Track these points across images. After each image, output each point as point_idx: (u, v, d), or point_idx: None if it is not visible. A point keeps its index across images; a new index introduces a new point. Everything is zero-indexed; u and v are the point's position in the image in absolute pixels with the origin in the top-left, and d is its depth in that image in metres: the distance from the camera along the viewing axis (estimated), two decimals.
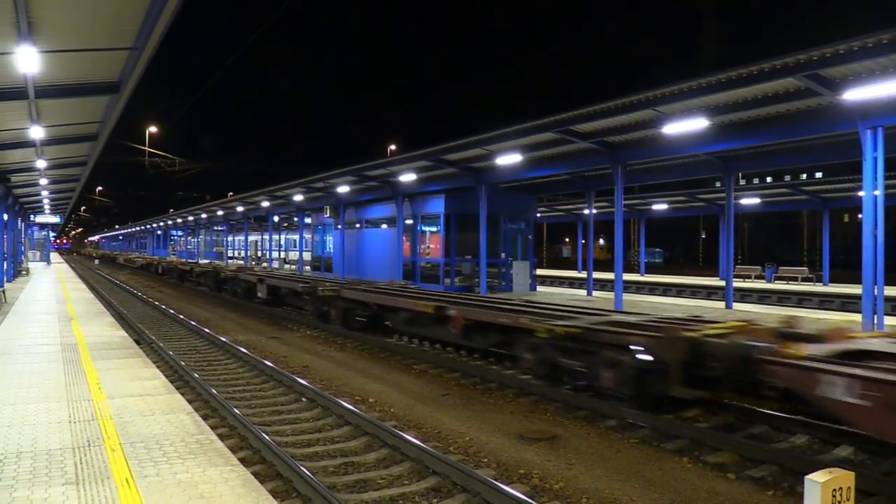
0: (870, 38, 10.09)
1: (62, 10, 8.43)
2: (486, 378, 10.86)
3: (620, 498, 6.00)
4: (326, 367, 12.20)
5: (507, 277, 25.12)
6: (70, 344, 10.88)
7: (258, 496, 4.41)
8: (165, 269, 43.76)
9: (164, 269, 43.86)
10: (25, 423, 6.07)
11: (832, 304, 23.57)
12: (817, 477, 3.85)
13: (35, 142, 16.32)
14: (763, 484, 6.33)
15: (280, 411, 9.03)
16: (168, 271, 42.80)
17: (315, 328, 17.43)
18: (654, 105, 13.93)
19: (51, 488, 4.49)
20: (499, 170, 21.43)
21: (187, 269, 36.56)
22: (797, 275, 31.29)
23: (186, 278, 36.42)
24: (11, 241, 29.55)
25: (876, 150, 12.09)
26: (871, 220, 12.10)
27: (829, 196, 27.57)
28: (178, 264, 41.33)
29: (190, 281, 35.50)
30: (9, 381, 7.94)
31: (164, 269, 44.01)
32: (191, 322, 17.97)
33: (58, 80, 11.54)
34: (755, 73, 11.83)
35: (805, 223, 57.69)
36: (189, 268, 36.54)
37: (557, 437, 7.84)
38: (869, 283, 12.19)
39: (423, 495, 6.02)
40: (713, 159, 19.19)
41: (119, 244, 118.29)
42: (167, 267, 43.57)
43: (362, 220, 31.12)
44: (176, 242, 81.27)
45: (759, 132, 14.56)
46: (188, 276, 35.87)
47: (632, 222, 53.67)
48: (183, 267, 38.37)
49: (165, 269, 43.64)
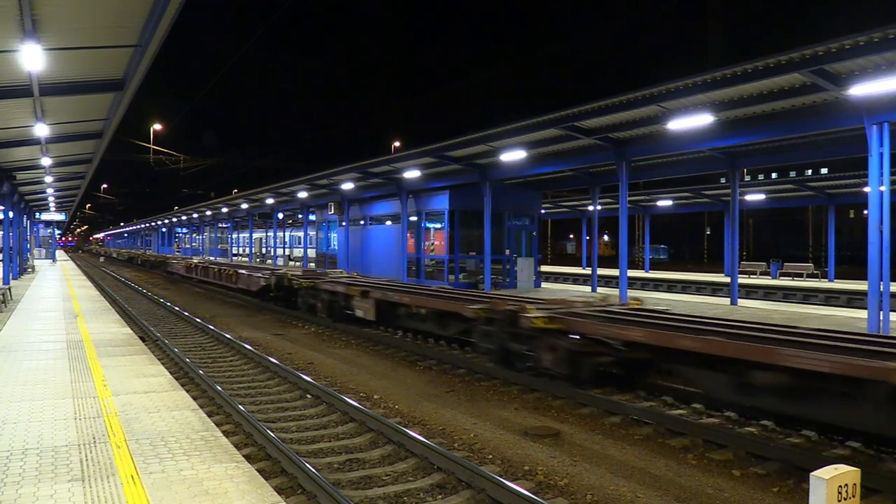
0: (876, 33, 10.02)
1: (66, 8, 8.44)
2: (491, 374, 10.86)
3: (625, 494, 6.00)
4: (331, 364, 12.22)
5: (512, 274, 25.11)
6: (75, 341, 10.92)
7: (263, 493, 4.42)
8: (201, 272, 31.00)
9: (198, 273, 31.46)
10: (32, 420, 6.10)
11: (838, 300, 23.48)
12: (823, 473, 3.83)
13: (40, 139, 16.36)
14: (768, 480, 6.32)
15: (285, 408, 9.04)
16: (198, 273, 31.22)
17: (320, 325, 17.46)
18: (659, 101, 13.88)
19: (56, 485, 4.51)
20: (503, 166, 21.41)
21: (229, 275, 25.84)
22: (802, 271, 31.18)
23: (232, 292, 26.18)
24: (17, 238, 29.65)
25: (882, 146, 12.02)
26: (876, 216, 12.04)
27: (834, 192, 27.45)
28: (213, 266, 29.28)
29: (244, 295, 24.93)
30: (15, 377, 7.98)
31: (198, 273, 31.58)
32: (196, 319, 18.02)
33: (62, 78, 11.57)
34: (760, 69, 11.77)
35: (810, 219, 57.51)
36: (231, 274, 25.53)
37: (562, 433, 7.84)
38: (875, 279, 12.14)
39: (427, 492, 6.03)
40: (718, 155, 19.12)
41: (124, 241, 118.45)
42: (202, 267, 30.97)
43: (367, 217, 31.12)
44: (181, 240, 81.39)
45: (764, 128, 14.50)
46: (240, 290, 24.59)
47: (636, 218, 53.59)
48: (222, 270, 27.10)
49: (199, 273, 31.23)
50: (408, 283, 22.70)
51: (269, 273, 21.98)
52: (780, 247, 58.69)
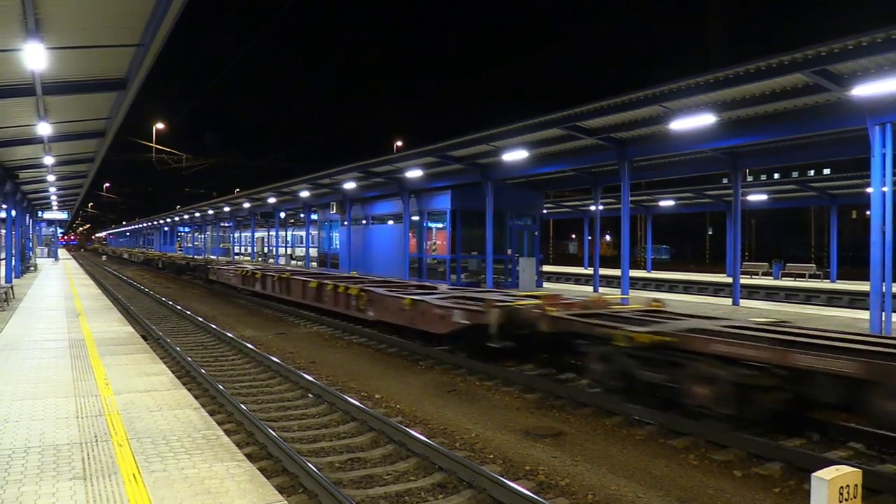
0: (879, 34, 10.01)
1: (69, 7, 8.46)
2: (492, 374, 10.86)
3: (626, 494, 5.99)
4: (332, 363, 12.22)
5: (514, 274, 25.10)
6: (78, 340, 10.93)
7: (264, 491, 4.43)
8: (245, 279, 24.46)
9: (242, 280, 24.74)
10: (34, 419, 6.11)
11: (840, 300, 23.44)
12: (824, 474, 3.83)
13: (43, 138, 16.38)
14: (769, 481, 6.32)
15: (286, 407, 9.05)
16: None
17: (322, 324, 17.45)
18: (662, 101, 13.87)
19: (59, 483, 4.52)
20: (505, 166, 21.40)
21: (357, 298, 15.36)
22: (805, 271, 31.14)
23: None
24: (19, 237, 29.70)
25: (884, 147, 12.00)
26: (879, 217, 12.03)
27: (836, 192, 27.43)
28: (306, 279, 19.09)
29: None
30: (17, 376, 7.99)
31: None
32: (197, 318, 18.03)
33: (65, 77, 11.59)
34: (763, 69, 11.76)
35: (813, 220, 57.42)
36: (361, 297, 15.27)
37: (563, 433, 7.84)
38: (877, 279, 12.12)
39: (429, 491, 6.03)
40: (721, 155, 19.10)
41: (127, 240, 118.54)
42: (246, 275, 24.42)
43: (368, 217, 31.14)
44: (183, 239, 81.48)
45: (766, 128, 14.49)
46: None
47: (639, 219, 53.53)
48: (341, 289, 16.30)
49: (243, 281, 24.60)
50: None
51: (473, 301, 12.10)
52: (783, 247, 58.56)
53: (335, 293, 16.61)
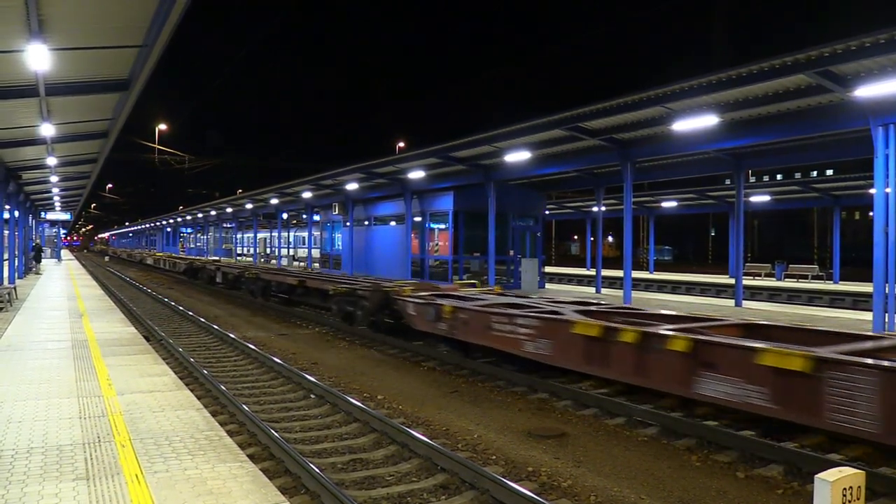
0: (882, 35, 9.99)
1: (72, 8, 8.47)
2: (495, 376, 10.85)
3: (628, 496, 5.99)
4: (335, 364, 12.23)
5: (516, 275, 25.07)
6: (80, 340, 10.95)
7: (267, 492, 4.43)
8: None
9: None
10: (37, 419, 6.12)
11: (843, 302, 23.40)
12: (827, 476, 3.81)
13: (46, 139, 16.41)
14: (772, 482, 6.30)
15: (289, 408, 9.06)
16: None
17: (323, 325, 17.47)
18: (664, 102, 13.85)
19: (61, 483, 4.52)
20: (508, 167, 21.39)
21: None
22: (807, 273, 31.08)
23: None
24: (22, 237, 29.75)
25: (888, 147, 11.98)
26: (882, 218, 12.00)
27: (839, 193, 27.37)
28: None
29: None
30: (20, 376, 8.01)
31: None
32: (200, 319, 18.05)
33: (68, 78, 11.60)
34: (766, 70, 11.74)
35: (815, 221, 57.34)
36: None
37: (566, 434, 7.83)
38: (880, 281, 12.10)
39: (431, 492, 6.03)
40: (723, 156, 19.07)
41: (129, 241, 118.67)
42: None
43: (371, 218, 31.13)
44: (185, 239, 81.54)
45: (769, 129, 14.47)
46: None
47: (641, 219, 53.53)
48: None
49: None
50: None
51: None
52: (785, 248, 58.49)
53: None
